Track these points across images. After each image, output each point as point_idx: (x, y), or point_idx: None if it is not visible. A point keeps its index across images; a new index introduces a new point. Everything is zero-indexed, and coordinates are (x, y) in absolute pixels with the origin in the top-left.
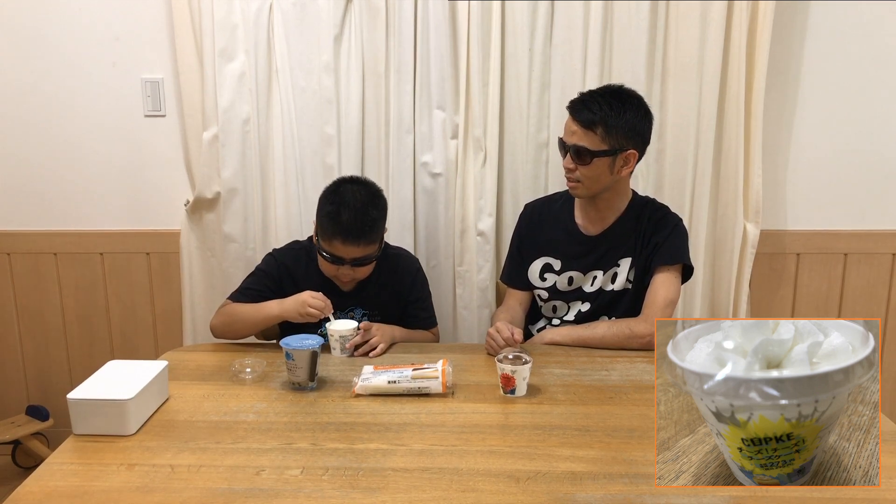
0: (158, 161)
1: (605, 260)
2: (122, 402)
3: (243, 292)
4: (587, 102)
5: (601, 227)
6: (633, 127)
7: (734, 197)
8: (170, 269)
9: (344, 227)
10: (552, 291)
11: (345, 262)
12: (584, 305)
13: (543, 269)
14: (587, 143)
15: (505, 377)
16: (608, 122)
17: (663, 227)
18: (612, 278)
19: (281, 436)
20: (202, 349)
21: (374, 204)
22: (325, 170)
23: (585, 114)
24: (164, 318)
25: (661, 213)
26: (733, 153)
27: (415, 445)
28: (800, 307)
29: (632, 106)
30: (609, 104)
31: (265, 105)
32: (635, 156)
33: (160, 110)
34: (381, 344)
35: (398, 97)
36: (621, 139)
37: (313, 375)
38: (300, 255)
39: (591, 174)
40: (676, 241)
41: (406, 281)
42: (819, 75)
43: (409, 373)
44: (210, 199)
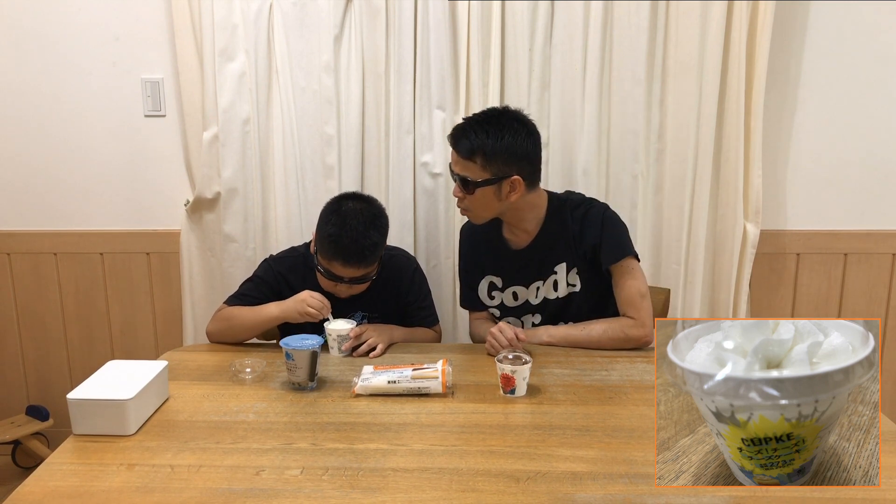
0: (158, 161)
1: (542, 270)
2: (122, 403)
3: (241, 298)
4: (465, 130)
5: (527, 240)
6: (513, 152)
7: (734, 197)
8: (170, 269)
9: (345, 251)
10: (502, 308)
11: (343, 281)
12: (536, 317)
13: (490, 288)
14: (469, 173)
15: (505, 377)
16: (486, 149)
17: (592, 225)
18: (554, 286)
19: (281, 436)
20: (202, 349)
21: (375, 225)
22: (325, 170)
23: (463, 142)
24: (163, 318)
25: (581, 210)
26: (733, 153)
27: (415, 445)
28: (800, 307)
29: (511, 129)
30: (486, 131)
31: (265, 105)
32: (520, 182)
33: (160, 110)
34: (379, 344)
35: (398, 97)
36: (502, 166)
37: (313, 375)
38: (297, 264)
39: (478, 203)
40: (613, 236)
41: (404, 281)
42: (819, 75)
43: (408, 373)
44: (210, 199)
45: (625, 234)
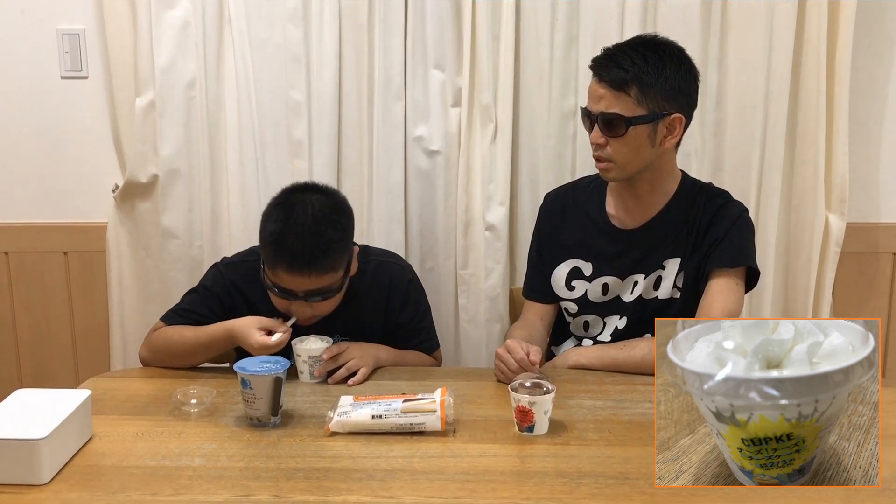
0: (79, 135)
1: (648, 261)
2: (33, 443)
3: (181, 314)
4: (615, 57)
5: (642, 219)
6: (675, 85)
7: (813, 181)
8: (93, 272)
9: (288, 253)
10: (583, 303)
11: (297, 297)
12: (622, 321)
13: (570, 276)
14: (619, 108)
15: (521, 410)
16: (644, 79)
17: (723, 219)
18: (656, 283)
19: (236, 485)
20: (134, 375)
21: (330, 220)
22: (292, 146)
23: (615, 72)
24: (85, 334)
25: (720, 200)
26: (812, 125)
27: (406, 498)
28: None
29: (672, 59)
30: (643, 57)
31: (215, 63)
32: (681, 121)
33: (81, 70)
34: (361, 368)
35: (385, 54)
36: (662, 101)
37: (276, 408)
38: (256, 272)
39: (627, 149)
40: (739, 238)
41: (395, 297)
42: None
43: (398, 405)
44: (145, 183)
45: (752, 244)
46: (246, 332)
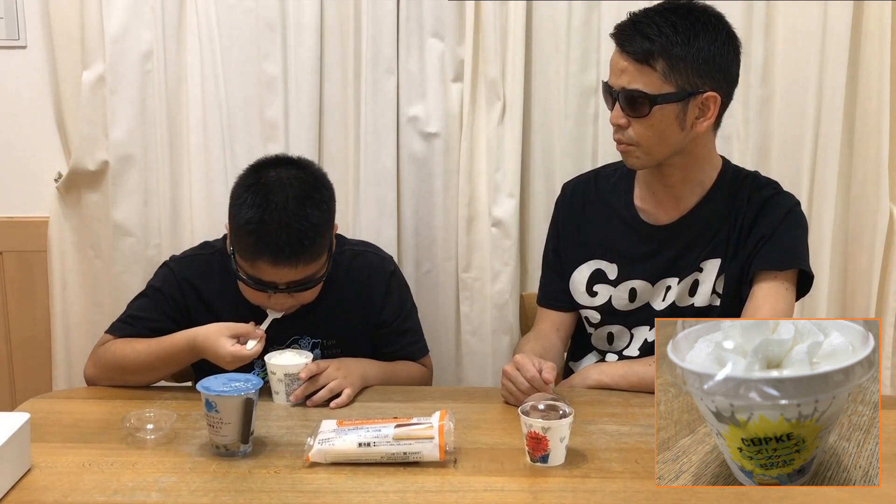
0: (16, 115)
1: (683, 262)
2: None
3: (131, 323)
4: (640, 25)
5: (676, 213)
6: (709, 58)
7: (876, 168)
8: (33, 275)
9: (272, 244)
10: (607, 312)
11: (278, 289)
12: (652, 333)
13: (592, 279)
14: (643, 84)
15: (533, 437)
16: (672, 51)
17: (770, 214)
18: (692, 289)
19: None
20: (81, 396)
21: (313, 200)
22: (266, 127)
23: (638, 41)
24: (23, 347)
25: (766, 192)
26: (874, 103)
27: None
28: None
29: (707, 27)
30: (673, 26)
31: (175, 31)
32: (716, 100)
33: (18, 38)
34: (346, 388)
35: (374, 21)
36: (693, 76)
37: (247, 435)
38: (211, 266)
39: (652, 132)
40: (789, 237)
41: (376, 292)
42: None
43: (389, 431)
44: (93, 171)
45: (804, 243)
46: (214, 342)
